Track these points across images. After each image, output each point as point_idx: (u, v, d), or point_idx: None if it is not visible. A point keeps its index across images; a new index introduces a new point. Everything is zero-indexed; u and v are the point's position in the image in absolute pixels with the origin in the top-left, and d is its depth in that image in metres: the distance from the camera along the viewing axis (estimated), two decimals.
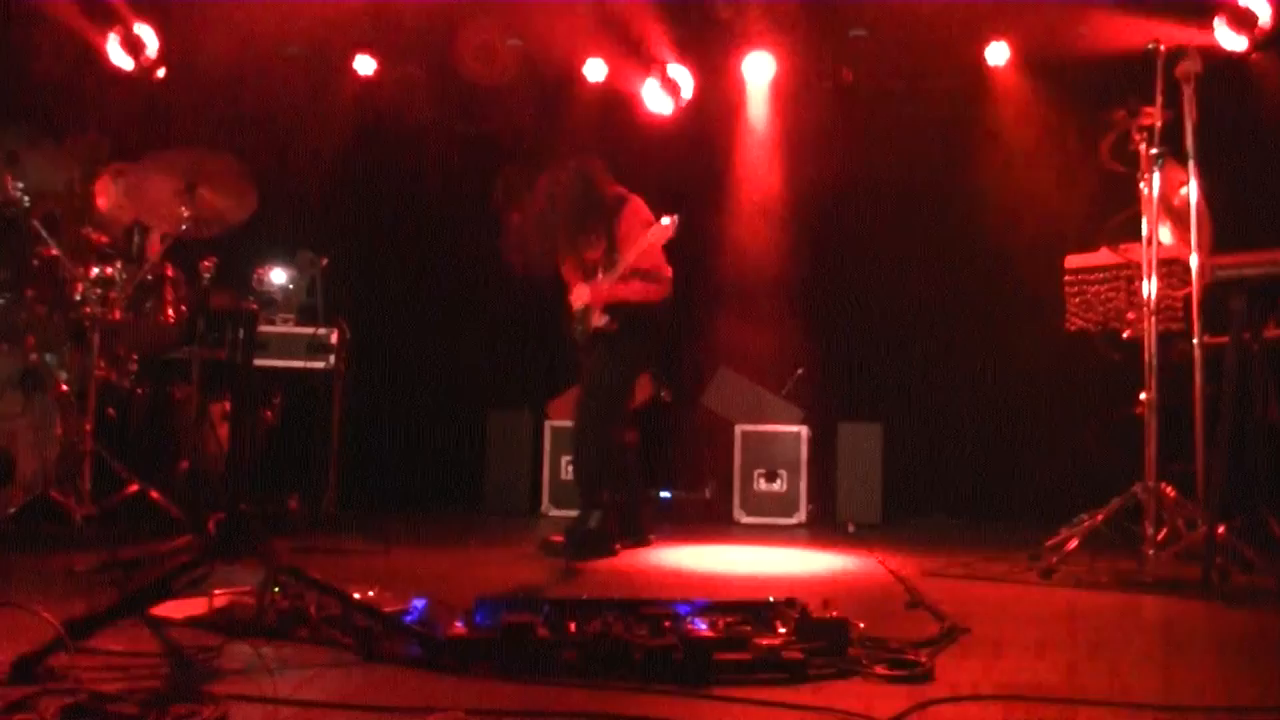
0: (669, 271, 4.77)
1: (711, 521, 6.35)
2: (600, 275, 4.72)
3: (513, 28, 7.11)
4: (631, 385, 4.97)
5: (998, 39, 6.84)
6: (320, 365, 5.30)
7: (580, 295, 4.80)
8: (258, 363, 4.95)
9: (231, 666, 2.08)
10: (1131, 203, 4.11)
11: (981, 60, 6.88)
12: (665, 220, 4.48)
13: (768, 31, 7.08)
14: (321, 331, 5.25)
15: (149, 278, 4.63)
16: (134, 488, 4.29)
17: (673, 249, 4.80)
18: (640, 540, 4.88)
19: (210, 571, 2.48)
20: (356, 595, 2.50)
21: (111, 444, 4.38)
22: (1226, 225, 4.29)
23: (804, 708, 1.88)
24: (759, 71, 7.22)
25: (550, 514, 6.45)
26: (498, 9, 6.95)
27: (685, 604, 2.47)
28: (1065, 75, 6.54)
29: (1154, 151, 3.97)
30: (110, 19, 6.68)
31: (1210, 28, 6.04)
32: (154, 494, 4.31)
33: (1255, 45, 5.98)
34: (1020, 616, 3.14)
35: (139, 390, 4.86)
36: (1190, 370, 3.99)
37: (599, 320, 4.72)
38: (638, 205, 4.72)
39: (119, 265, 4.51)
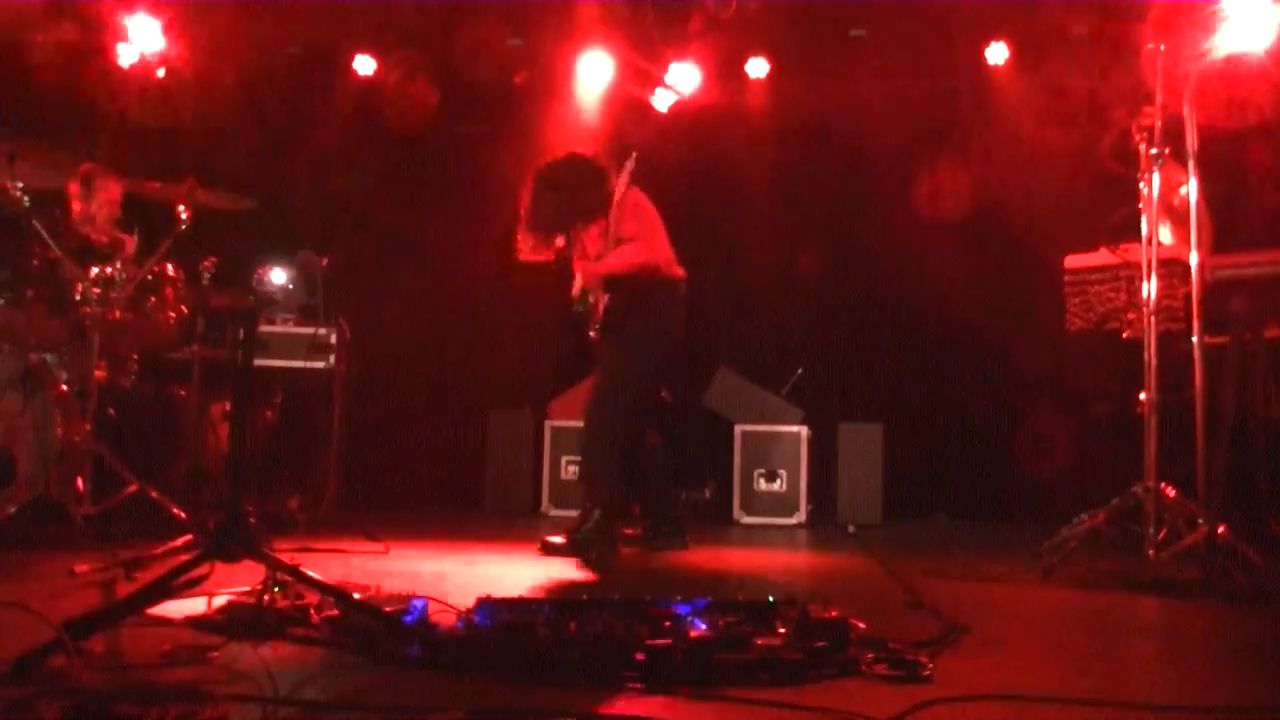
0: (663, 256, 4.73)
1: (711, 521, 6.35)
2: None
3: (513, 28, 7.12)
4: (641, 379, 4.76)
5: (998, 39, 6.85)
6: (320, 365, 5.30)
7: (577, 281, 4.83)
8: (258, 363, 4.94)
9: (231, 666, 2.08)
10: (1131, 202, 4.11)
11: (981, 60, 6.89)
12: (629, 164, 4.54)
13: (768, 31, 7.08)
14: (322, 331, 5.24)
15: (149, 277, 4.63)
16: (134, 488, 4.28)
17: (678, 247, 4.81)
18: (679, 543, 4.81)
19: (210, 572, 2.48)
20: (356, 595, 2.50)
21: (111, 444, 4.38)
22: (1227, 225, 4.29)
23: (804, 708, 1.88)
24: (759, 71, 7.22)
25: (551, 514, 6.45)
26: (498, 9, 6.96)
27: (685, 604, 2.47)
28: (1065, 75, 6.54)
29: (1154, 151, 3.97)
30: (110, 18, 6.69)
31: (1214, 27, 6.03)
32: (154, 494, 4.31)
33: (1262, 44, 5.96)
34: (1020, 616, 3.14)
35: (139, 390, 4.85)
36: (1190, 370, 3.98)
37: (598, 298, 4.71)
38: (638, 199, 4.70)
39: (119, 265, 4.51)
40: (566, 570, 4.01)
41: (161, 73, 6.86)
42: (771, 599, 2.55)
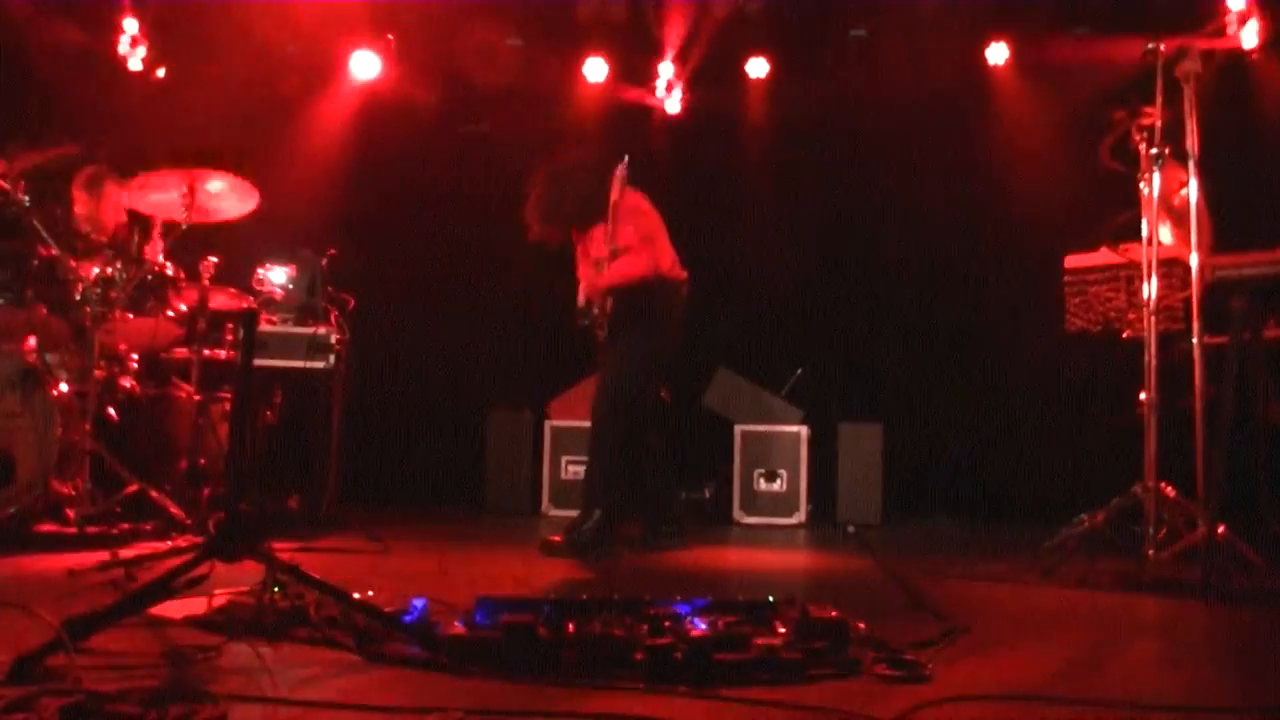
0: (665, 258, 4.73)
1: (711, 521, 6.35)
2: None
3: (513, 27, 7.13)
4: (645, 382, 4.81)
5: (998, 39, 6.85)
6: (320, 365, 5.30)
7: (580, 291, 4.84)
8: (257, 362, 4.94)
9: (231, 666, 2.08)
10: (1132, 203, 4.11)
11: (981, 60, 6.89)
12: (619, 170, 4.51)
13: (768, 31, 7.09)
14: (321, 331, 5.24)
15: (149, 277, 4.63)
16: (134, 488, 4.28)
17: (678, 247, 4.81)
18: (679, 543, 4.82)
19: (210, 571, 2.48)
20: (356, 595, 2.49)
21: (111, 444, 4.38)
22: (1226, 225, 4.29)
23: (804, 708, 1.88)
24: (759, 71, 7.22)
25: (550, 514, 6.45)
26: (498, 9, 6.96)
27: (685, 604, 2.47)
28: (1065, 75, 6.55)
29: (1154, 152, 3.97)
30: (110, 18, 6.69)
31: (1214, 26, 6.03)
32: (154, 494, 4.31)
33: (1265, 41, 5.95)
34: (1020, 616, 3.14)
35: (139, 390, 4.85)
36: (1190, 370, 3.99)
37: (598, 308, 4.72)
38: (636, 202, 4.71)
39: (119, 265, 4.51)
40: (566, 570, 4.01)
41: (161, 73, 6.87)
42: (771, 599, 2.55)
